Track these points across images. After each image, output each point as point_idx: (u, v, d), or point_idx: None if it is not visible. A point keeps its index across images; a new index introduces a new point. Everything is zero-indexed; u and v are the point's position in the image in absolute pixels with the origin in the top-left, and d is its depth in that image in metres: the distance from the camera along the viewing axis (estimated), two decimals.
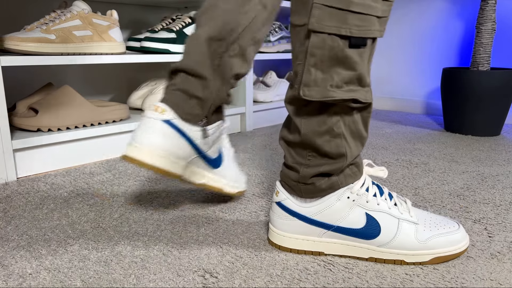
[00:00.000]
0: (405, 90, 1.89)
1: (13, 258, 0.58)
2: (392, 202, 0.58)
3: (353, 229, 0.56)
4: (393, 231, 0.56)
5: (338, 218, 0.56)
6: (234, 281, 0.52)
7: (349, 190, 0.56)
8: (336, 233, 0.57)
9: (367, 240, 0.56)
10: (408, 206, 0.59)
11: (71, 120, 1.01)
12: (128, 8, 1.41)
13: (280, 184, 0.60)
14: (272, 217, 0.61)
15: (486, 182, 0.91)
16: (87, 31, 1.03)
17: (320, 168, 0.55)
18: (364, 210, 0.56)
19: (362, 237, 0.56)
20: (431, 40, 1.77)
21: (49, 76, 1.24)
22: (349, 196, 0.56)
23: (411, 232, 0.56)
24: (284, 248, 0.60)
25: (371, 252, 0.57)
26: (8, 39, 0.91)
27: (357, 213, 0.56)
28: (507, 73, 1.30)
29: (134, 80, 1.47)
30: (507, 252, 0.60)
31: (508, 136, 1.38)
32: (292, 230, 0.59)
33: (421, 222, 0.57)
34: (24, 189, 0.85)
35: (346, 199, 0.56)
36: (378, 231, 0.56)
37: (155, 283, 0.52)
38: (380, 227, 0.56)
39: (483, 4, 1.35)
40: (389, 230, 0.56)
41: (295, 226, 0.58)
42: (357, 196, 0.56)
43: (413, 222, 0.57)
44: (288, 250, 0.60)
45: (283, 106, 1.61)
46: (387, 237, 0.56)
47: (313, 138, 0.54)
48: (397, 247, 0.56)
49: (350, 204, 0.56)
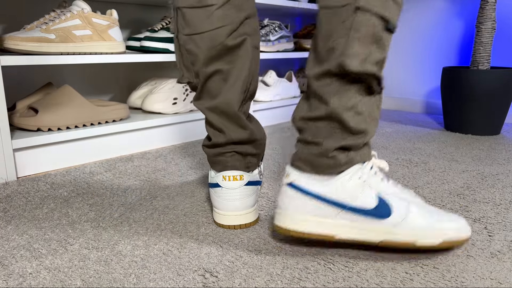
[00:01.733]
0: (405, 89, 1.89)
1: (13, 257, 0.58)
2: (399, 187, 0.60)
3: (365, 209, 0.57)
4: (403, 212, 0.57)
5: (351, 197, 0.57)
6: (234, 280, 0.52)
7: (361, 170, 0.57)
8: (349, 213, 0.57)
9: (379, 220, 0.57)
10: (413, 193, 0.61)
11: (71, 120, 1.01)
12: (128, 8, 1.41)
13: (291, 166, 0.61)
14: (281, 201, 0.60)
15: (486, 181, 0.91)
16: (86, 31, 1.03)
17: (343, 142, 0.57)
18: (375, 192, 0.57)
19: (375, 217, 0.57)
20: (431, 39, 1.77)
21: (49, 76, 1.24)
22: (360, 176, 0.57)
23: (420, 213, 0.57)
24: (295, 232, 0.58)
25: (382, 235, 0.57)
26: (8, 38, 0.91)
27: (368, 194, 0.57)
28: (507, 72, 1.30)
29: (134, 80, 1.47)
30: (507, 251, 0.60)
31: (508, 135, 1.38)
32: (305, 210, 0.58)
33: (427, 207, 0.59)
34: (24, 188, 0.85)
35: (357, 179, 0.57)
36: (389, 211, 0.57)
37: (155, 283, 0.52)
38: (391, 208, 0.57)
39: (483, 3, 1.35)
40: (399, 211, 0.57)
41: (308, 206, 0.58)
42: (368, 176, 0.58)
43: (422, 205, 0.59)
44: (299, 235, 0.58)
45: (283, 106, 1.61)
46: (398, 217, 0.57)
47: (341, 112, 0.56)
48: (408, 227, 0.57)
49: (361, 184, 0.57)
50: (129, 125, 1.11)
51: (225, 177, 0.66)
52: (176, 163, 1.04)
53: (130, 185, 0.88)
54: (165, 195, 0.82)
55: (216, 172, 0.68)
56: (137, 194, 0.82)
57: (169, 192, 0.83)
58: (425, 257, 0.58)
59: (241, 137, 0.67)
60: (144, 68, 1.49)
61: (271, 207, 0.76)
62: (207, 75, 0.65)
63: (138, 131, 1.15)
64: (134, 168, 0.99)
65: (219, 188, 0.67)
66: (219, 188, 0.67)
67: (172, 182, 0.90)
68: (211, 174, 0.69)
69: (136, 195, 0.82)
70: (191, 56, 0.64)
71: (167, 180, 0.91)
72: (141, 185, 0.88)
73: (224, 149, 0.67)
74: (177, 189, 0.85)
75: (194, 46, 0.63)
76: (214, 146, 0.68)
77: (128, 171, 0.97)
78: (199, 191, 0.84)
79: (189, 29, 0.63)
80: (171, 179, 0.91)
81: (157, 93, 1.25)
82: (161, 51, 1.19)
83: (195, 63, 0.65)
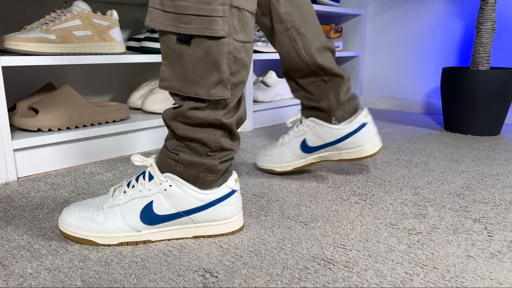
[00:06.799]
0: (405, 90, 1.89)
1: (14, 258, 0.58)
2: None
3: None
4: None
5: None
6: (234, 280, 0.52)
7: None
8: None
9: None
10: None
11: (71, 120, 1.01)
12: (128, 8, 1.41)
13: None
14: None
15: (486, 181, 0.92)
16: (87, 31, 1.03)
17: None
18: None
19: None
20: (431, 40, 1.77)
21: (49, 76, 1.24)
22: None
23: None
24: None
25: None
26: (8, 39, 0.91)
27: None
28: (507, 73, 1.30)
29: (134, 80, 1.47)
30: (507, 251, 0.60)
31: (508, 135, 1.38)
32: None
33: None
34: (25, 189, 0.85)
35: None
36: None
37: (156, 283, 0.52)
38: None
39: (483, 4, 1.35)
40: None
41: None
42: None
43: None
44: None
45: (283, 106, 1.61)
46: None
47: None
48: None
49: None
50: (129, 126, 1.11)
51: (236, 180, 0.66)
52: None
53: None
54: None
55: (225, 180, 0.65)
56: None
57: None
58: (425, 257, 0.58)
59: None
60: (144, 69, 1.50)
61: (271, 207, 0.76)
62: (242, 89, 0.60)
63: (138, 132, 1.15)
64: (134, 168, 0.99)
65: (235, 193, 0.65)
66: (235, 193, 0.65)
67: None
68: (215, 189, 0.64)
69: None
70: (236, 66, 0.57)
71: None
72: None
73: (230, 155, 0.65)
74: None
75: (246, 56, 0.57)
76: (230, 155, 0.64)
77: (128, 171, 0.97)
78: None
79: (245, 36, 0.56)
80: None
81: (157, 93, 1.25)
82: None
83: (238, 74, 0.58)
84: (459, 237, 0.65)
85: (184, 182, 0.61)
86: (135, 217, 0.61)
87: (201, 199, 0.62)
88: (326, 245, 0.62)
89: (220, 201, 0.63)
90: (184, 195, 0.61)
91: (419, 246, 0.62)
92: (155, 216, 0.61)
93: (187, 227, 0.63)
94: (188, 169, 0.61)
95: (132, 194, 0.62)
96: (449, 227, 0.68)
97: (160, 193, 0.61)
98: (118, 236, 0.61)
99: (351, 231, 0.67)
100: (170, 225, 0.63)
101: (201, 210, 0.63)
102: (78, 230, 0.61)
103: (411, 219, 0.71)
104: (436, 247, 0.61)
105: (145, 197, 0.61)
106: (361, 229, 0.67)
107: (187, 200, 0.61)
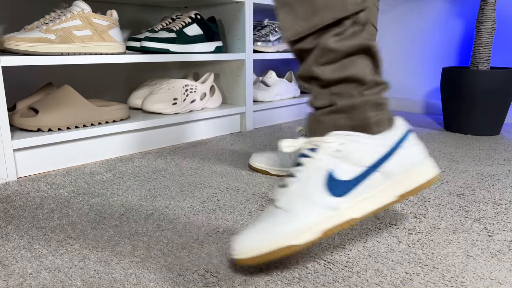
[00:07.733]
0: (405, 90, 1.89)
1: (14, 258, 0.58)
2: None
3: None
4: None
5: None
6: (234, 280, 0.52)
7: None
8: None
9: None
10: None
11: (71, 120, 1.01)
12: (128, 8, 1.41)
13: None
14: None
15: (486, 181, 0.92)
16: (87, 31, 1.04)
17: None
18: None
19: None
20: (430, 40, 1.77)
21: (49, 76, 1.24)
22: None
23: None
24: None
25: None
26: (8, 39, 0.91)
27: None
28: (507, 73, 1.30)
29: (134, 80, 1.47)
30: (507, 251, 0.60)
31: (508, 135, 1.38)
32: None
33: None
34: (25, 189, 0.85)
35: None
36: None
37: (156, 283, 0.52)
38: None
39: (482, 4, 1.35)
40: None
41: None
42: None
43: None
44: None
45: (283, 106, 1.61)
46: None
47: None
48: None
49: None
50: (129, 126, 1.11)
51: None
52: (176, 163, 1.04)
53: (130, 185, 0.88)
54: (165, 195, 0.82)
55: (392, 119, 0.58)
56: (137, 194, 0.82)
57: (169, 192, 0.84)
58: (425, 257, 0.58)
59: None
60: (144, 69, 1.50)
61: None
62: None
63: (138, 132, 1.15)
64: (134, 168, 1.00)
65: (410, 132, 0.59)
66: (411, 132, 0.60)
67: (172, 182, 0.90)
68: (389, 131, 0.57)
69: (136, 195, 0.82)
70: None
71: (167, 180, 0.91)
72: (141, 185, 0.88)
73: (386, 87, 0.61)
74: (177, 189, 0.85)
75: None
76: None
77: (128, 171, 0.97)
78: (199, 191, 0.85)
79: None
80: (171, 179, 0.91)
81: (157, 93, 1.25)
82: (161, 51, 1.19)
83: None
84: (459, 237, 0.65)
85: (354, 132, 0.54)
86: (323, 194, 0.53)
87: (382, 144, 0.55)
88: (326, 245, 0.62)
89: (402, 142, 0.56)
90: (362, 146, 0.54)
91: (419, 246, 0.62)
92: (342, 182, 0.53)
93: (383, 188, 0.55)
94: (353, 115, 0.54)
95: (304, 177, 0.54)
96: (449, 227, 0.68)
97: (335, 158, 0.53)
98: (318, 224, 0.52)
99: (351, 231, 0.67)
100: (365, 192, 0.55)
101: (387, 159, 0.55)
102: (272, 243, 0.51)
103: (411, 219, 0.72)
104: (436, 247, 0.61)
105: (321, 169, 0.53)
106: (361, 229, 0.67)
107: (367, 152, 0.54)
